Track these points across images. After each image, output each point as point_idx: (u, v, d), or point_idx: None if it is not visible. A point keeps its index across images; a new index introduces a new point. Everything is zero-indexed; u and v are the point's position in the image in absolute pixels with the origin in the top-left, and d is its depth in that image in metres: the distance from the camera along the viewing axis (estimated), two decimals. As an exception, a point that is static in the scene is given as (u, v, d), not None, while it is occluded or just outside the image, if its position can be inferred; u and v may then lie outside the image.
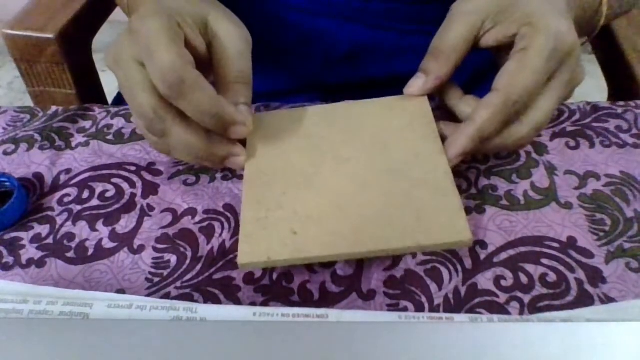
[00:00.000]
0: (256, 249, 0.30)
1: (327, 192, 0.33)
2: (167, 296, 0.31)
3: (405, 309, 0.30)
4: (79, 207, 0.36)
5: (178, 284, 0.32)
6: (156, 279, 0.32)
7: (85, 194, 0.37)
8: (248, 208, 0.33)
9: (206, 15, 0.35)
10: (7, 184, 0.36)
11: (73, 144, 0.40)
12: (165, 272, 0.32)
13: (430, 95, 0.38)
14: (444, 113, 0.38)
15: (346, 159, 0.35)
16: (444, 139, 0.35)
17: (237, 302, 0.31)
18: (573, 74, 0.34)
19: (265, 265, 0.30)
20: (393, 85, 0.42)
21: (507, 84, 0.33)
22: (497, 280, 0.32)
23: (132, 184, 0.37)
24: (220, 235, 0.34)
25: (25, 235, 0.35)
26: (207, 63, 0.36)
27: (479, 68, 0.52)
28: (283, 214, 0.32)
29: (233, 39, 0.35)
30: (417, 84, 0.37)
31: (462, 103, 0.37)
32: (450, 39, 0.36)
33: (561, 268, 0.32)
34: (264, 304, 0.31)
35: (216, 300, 0.31)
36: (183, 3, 0.35)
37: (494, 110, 0.33)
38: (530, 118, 0.34)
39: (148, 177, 0.38)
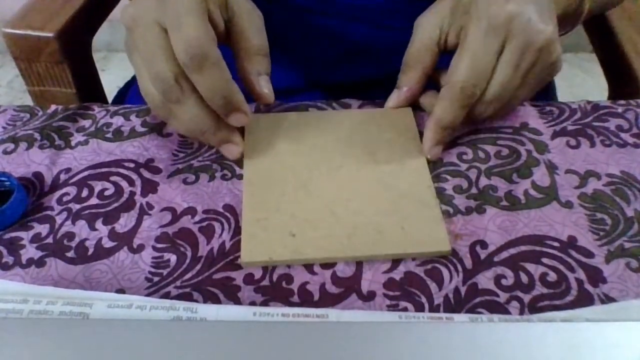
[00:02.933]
0: (258, 248, 0.32)
1: (322, 198, 0.35)
2: (166, 296, 0.31)
3: (405, 310, 0.30)
4: (78, 206, 0.36)
5: (178, 283, 0.32)
6: (156, 279, 0.32)
7: (84, 193, 0.37)
8: (249, 208, 0.35)
9: None
10: (7, 183, 0.36)
11: (72, 143, 0.40)
12: (165, 272, 0.32)
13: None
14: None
15: (338, 166, 0.37)
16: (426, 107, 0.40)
17: (237, 301, 0.31)
18: (527, 38, 0.35)
19: (266, 263, 0.32)
20: (394, 84, 0.42)
21: (451, 74, 0.36)
22: (498, 279, 0.32)
23: (131, 182, 0.37)
24: (220, 236, 0.34)
25: (25, 235, 0.34)
26: (222, 39, 0.37)
27: None
28: (282, 216, 0.34)
29: (252, 16, 0.37)
30: (393, 97, 0.41)
31: (423, 98, 0.41)
32: (413, 51, 0.39)
33: (561, 267, 0.32)
34: (264, 304, 0.31)
35: (216, 300, 0.31)
36: None
37: (445, 102, 0.36)
38: (488, 94, 0.36)
39: (147, 174, 0.38)
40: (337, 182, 0.36)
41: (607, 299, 0.31)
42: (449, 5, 0.38)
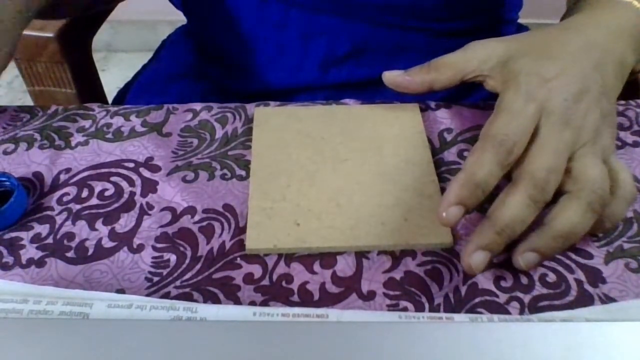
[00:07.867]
0: (262, 236, 0.33)
1: (327, 189, 0.36)
2: (166, 295, 0.31)
3: (405, 309, 0.30)
4: (78, 206, 0.36)
5: (177, 283, 0.32)
6: (155, 279, 0.32)
7: (85, 193, 0.37)
8: (255, 198, 0.35)
9: None
10: (7, 183, 0.36)
11: (72, 143, 0.40)
12: (165, 272, 0.32)
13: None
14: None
15: (344, 159, 0.38)
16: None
17: (237, 301, 0.31)
18: (561, 117, 0.32)
19: (270, 251, 0.33)
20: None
21: (485, 127, 0.33)
22: (497, 280, 0.32)
23: (131, 182, 0.37)
24: (220, 236, 0.34)
25: (25, 235, 0.34)
26: None
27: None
28: (287, 206, 0.35)
29: None
30: (394, 72, 0.40)
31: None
32: (441, 62, 0.38)
33: (560, 269, 0.32)
34: (264, 303, 0.31)
35: (216, 299, 0.31)
36: None
37: (479, 152, 0.31)
38: (525, 163, 0.32)
39: (146, 173, 0.38)
40: (342, 174, 0.37)
41: (607, 299, 0.31)
42: (504, 52, 0.36)
